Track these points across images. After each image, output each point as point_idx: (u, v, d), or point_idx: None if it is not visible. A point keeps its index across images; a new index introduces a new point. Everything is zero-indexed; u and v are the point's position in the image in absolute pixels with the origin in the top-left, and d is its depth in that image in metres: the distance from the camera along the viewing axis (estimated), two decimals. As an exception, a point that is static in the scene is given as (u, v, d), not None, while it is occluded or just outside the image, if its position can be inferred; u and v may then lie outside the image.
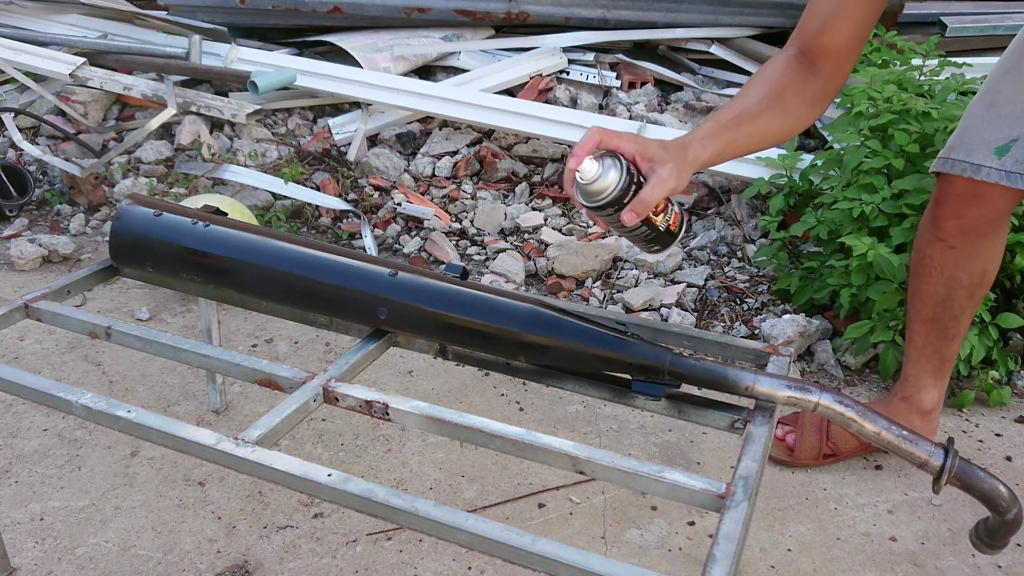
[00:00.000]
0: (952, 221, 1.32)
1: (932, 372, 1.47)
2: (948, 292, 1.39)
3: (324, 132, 2.78)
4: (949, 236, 1.34)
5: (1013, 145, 1.22)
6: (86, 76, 2.83)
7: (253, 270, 1.15)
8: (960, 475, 0.97)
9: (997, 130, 1.24)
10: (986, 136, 1.25)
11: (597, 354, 1.01)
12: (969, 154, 1.26)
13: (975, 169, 1.25)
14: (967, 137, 1.27)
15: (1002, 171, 1.23)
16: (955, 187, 1.29)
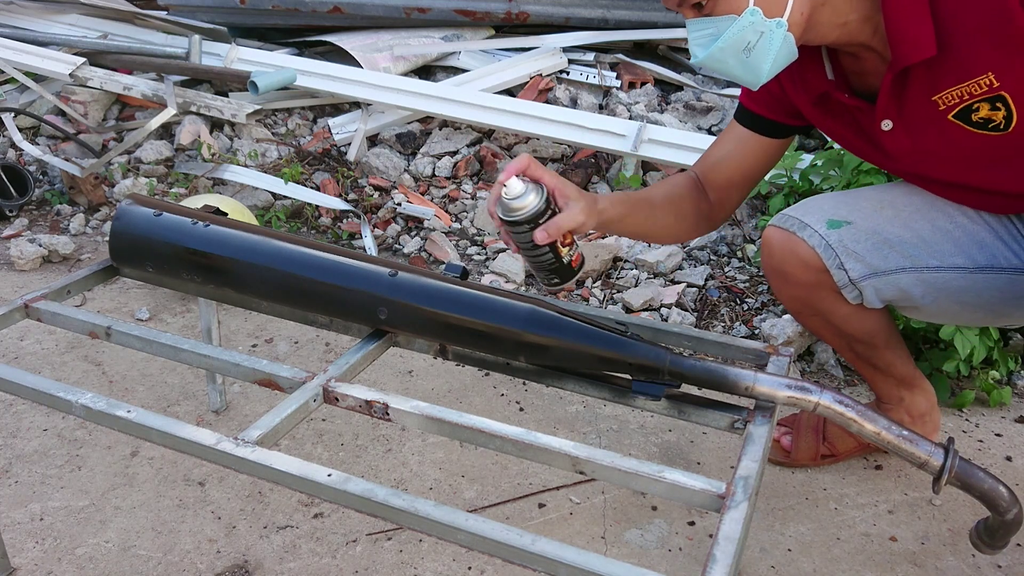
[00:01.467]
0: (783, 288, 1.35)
1: (901, 386, 1.46)
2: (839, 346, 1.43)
3: (324, 132, 2.79)
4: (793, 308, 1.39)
5: (845, 226, 1.26)
6: (86, 76, 2.83)
7: (253, 270, 1.15)
8: (960, 475, 0.97)
9: (837, 209, 1.29)
10: (826, 208, 1.30)
11: (597, 354, 1.01)
12: (804, 214, 1.30)
13: (801, 226, 1.28)
14: (807, 207, 1.32)
15: (824, 241, 1.26)
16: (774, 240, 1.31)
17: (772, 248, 1.33)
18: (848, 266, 1.26)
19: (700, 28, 1.06)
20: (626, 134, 2.44)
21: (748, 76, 1.09)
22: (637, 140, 2.41)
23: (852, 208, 1.29)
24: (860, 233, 1.26)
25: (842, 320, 1.34)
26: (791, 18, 1.03)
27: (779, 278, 1.34)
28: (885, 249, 1.25)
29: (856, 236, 1.26)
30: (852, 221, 1.27)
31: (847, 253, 1.26)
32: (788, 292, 1.36)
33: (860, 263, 1.26)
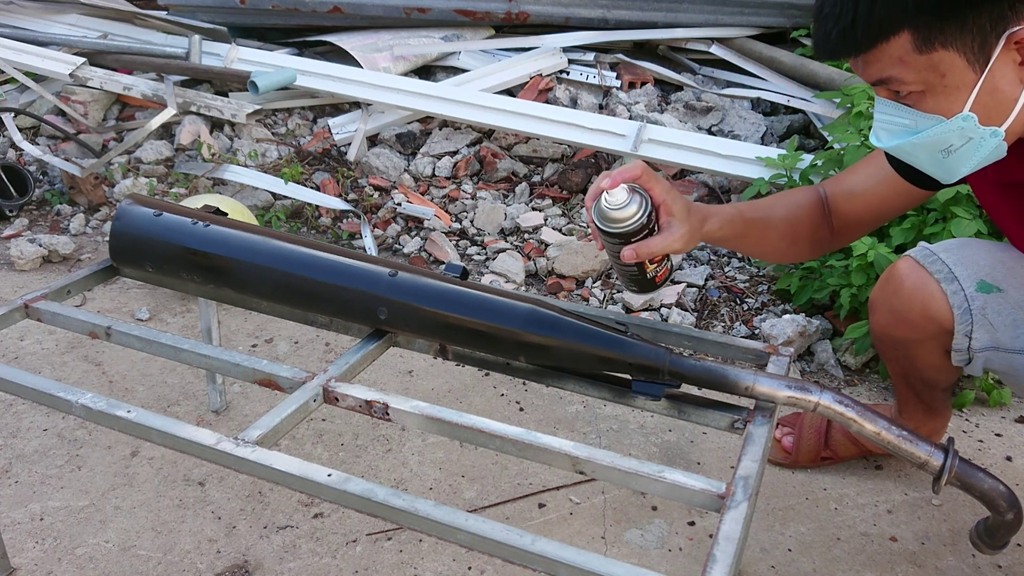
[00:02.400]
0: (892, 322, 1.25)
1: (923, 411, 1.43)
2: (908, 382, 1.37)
3: (324, 132, 2.78)
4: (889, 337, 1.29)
5: (996, 293, 1.15)
6: (86, 76, 2.83)
7: (253, 270, 1.15)
8: (960, 475, 0.97)
9: (995, 271, 1.16)
10: (983, 264, 1.17)
11: (597, 354, 1.01)
12: (955, 265, 1.18)
13: (950, 280, 1.16)
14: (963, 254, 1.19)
15: (967, 307, 1.15)
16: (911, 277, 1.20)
17: (901, 285, 1.20)
18: (976, 335, 1.16)
19: (893, 114, 0.92)
20: (626, 134, 2.44)
21: (939, 172, 0.96)
22: (637, 140, 2.41)
23: (1009, 272, 1.16)
24: (1007, 306, 1.14)
25: (925, 367, 1.27)
26: (1011, 127, 0.88)
27: (891, 315, 1.23)
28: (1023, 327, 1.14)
29: (1002, 308, 1.14)
30: (1004, 289, 1.14)
31: (983, 323, 1.14)
32: (892, 331, 1.25)
33: (989, 335, 1.15)
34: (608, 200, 0.99)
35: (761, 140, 2.66)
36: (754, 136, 2.65)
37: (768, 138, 2.70)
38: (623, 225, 1.00)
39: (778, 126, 2.72)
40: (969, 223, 1.66)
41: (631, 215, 0.99)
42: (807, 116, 2.69)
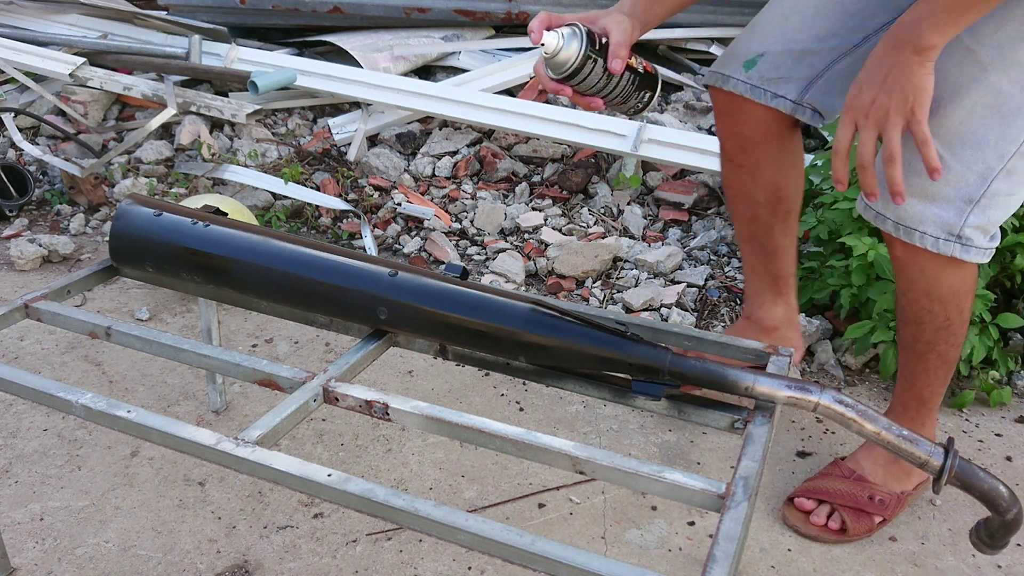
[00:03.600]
0: (729, 140, 1.38)
1: (769, 289, 1.50)
2: (752, 210, 1.44)
3: (324, 132, 2.79)
4: (734, 155, 1.40)
5: (759, 60, 1.27)
6: (86, 76, 2.83)
7: (253, 270, 1.15)
8: (960, 475, 0.97)
9: (747, 45, 1.30)
10: (738, 51, 1.31)
11: (597, 354, 1.01)
12: (723, 66, 1.32)
13: (723, 79, 1.31)
14: (727, 52, 1.34)
15: (747, 84, 1.28)
16: (717, 101, 1.36)
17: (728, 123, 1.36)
18: (782, 92, 1.27)
19: None
20: (626, 134, 2.44)
21: None
22: (637, 140, 2.41)
23: (760, 37, 1.29)
24: (776, 58, 1.26)
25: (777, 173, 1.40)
26: None
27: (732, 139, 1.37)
28: (807, 58, 1.25)
29: (774, 63, 1.26)
30: (764, 51, 1.27)
31: (774, 83, 1.26)
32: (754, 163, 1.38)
33: (791, 83, 1.26)
34: (547, 51, 1.00)
35: (761, 140, 2.66)
36: (754, 136, 2.65)
37: (768, 138, 2.70)
38: (577, 56, 1.01)
39: (778, 126, 2.72)
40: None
41: (575, 46, 1.01)
42: (807, 116, 2.69)
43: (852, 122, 1.10)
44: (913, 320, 1.27)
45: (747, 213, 1.45)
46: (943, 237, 1.15)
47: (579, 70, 1.02)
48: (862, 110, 1.08)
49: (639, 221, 2.38)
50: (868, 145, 1.09)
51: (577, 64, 1.01)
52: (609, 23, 1.04)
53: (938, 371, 1.31)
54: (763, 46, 1.28)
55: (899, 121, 1.05)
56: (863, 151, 1.10)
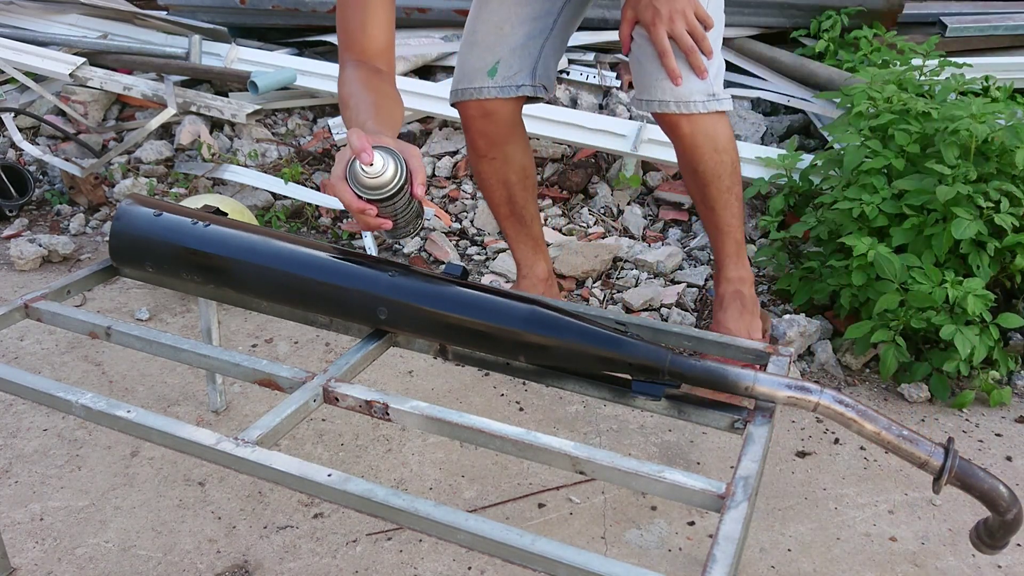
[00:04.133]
0: (481, 140, 1.66)
1: (532, 251, 1.83)
2: (508, 192, 1.74)
3: (324, 132, 2.78)
4: (486, 152, 1.68)
5: (498, 66, 1.58)
6: (86, 76, 2.83)
7: (253, 270, 1.15)
8: (960, 475, 0.97)
9: (483, 59, 1.60)
10: (478, 66, 1.60)
11: (597, 354, 1.01)
12: (471, 82, 1.61)
13: (478, 91, 1.60)
14: (467, 71, 1.62)
15: (497, 87, 1.59)
16: (469, 111, 1.63)
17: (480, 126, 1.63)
18: (520, 82, 1.59)
19: None
20: (626, 134, 2.44)
21: None
22: (637, 140, 2.41)
23: (488, 50, 1.59)
24: (507, 60, 1.58)
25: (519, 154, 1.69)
26: None
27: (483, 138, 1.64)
28: (526, 50, 1.59)
29: (508, 64, 1.58)
30: (498, 59, 1.58)
31: (512, 78, 1.58)
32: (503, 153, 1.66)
33: (523, 73, 1.59)
34: (375, 172, 1.02)
35: (761, 140, 2.66)
36: (754, 136, 2.65)
37: (768, 138, 2.70)
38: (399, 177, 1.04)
39: (778, 126, 2.72)
40: (969, 223, 1.66)
41: (394, 167, 1.04)
42: (807, 116, 2.69)
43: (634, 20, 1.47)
44: (713, 177, 1.58)
45: (504, 196, 1.74)
46: (708, 100, 1.48)
47: (397, 192, 1.05)
48: (655, 14, 1.42)
49: (639, 221, 2.38)
50: (666, 39, 1.43)
51: (397, 186, 1.04)
52: (405, 149, 1.09)
53: (737, 209, 1.64)
54: (495, 55, 1.59)
55: (684, 20, 1.42)
56: (663, 45, 1.43)
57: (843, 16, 2.78)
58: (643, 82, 1.49)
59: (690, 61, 1.44)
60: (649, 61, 1.46)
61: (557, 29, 1.61)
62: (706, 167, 1.55)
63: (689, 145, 1.53)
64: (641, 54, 1.48)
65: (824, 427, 1.67)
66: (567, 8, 1.61)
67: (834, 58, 2.77)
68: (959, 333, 1.63)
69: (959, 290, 1.63)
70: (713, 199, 1.60)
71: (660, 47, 1.43)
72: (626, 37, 1.49)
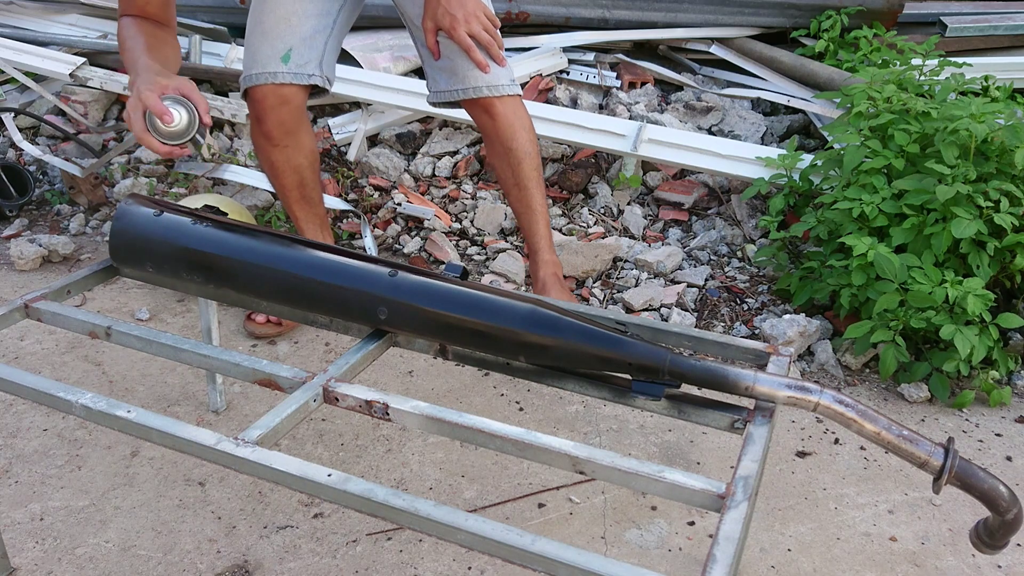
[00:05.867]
0: (276, 129, 1.73)
1: (320, 228, 1.92)
2: (299, 177, 1.82)
3: (324, 132, 2.78)
4: (280, 140, 1.74)
5: (291, 54, 1.67)
6: (86, 76, 2.83)
7: (253, 270, 1.15)
8: (960, 475, 0.97)
9: (275, 47, 1.67)
10: (270, 53, 1.68)
11: (597, 354, 1.01)
12: (265, 67, 1.67)
13: (273, 75, 1.67)
14: (259, 57, 1.68)
15: (291, 73, 1.68)
16: (264, 97, 1.69)
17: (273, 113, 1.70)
18: (310, 71, 1.70)
19: None
20: (626, 134, 2.44)
21: None
22: (637, 140, 2.41)
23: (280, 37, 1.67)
24: (298, 48, 1.68)
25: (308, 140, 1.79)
26: None
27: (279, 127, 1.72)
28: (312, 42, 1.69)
29: (299, 52, 1.68)
30: (290, 47, 1.67)
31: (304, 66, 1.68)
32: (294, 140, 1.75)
33: (312, 63, 1.70)
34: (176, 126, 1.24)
35: (761, 140, 2.66)
36: (754, 136, 2.65)
37: (768, 138, 2.70)
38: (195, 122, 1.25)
39: (778, 126, 2.72)
40: (969, 223, 1.66)
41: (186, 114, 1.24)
42: (807, 116, 2.69)
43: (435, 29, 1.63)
44: (525, 155, 1.78)
45: (295, 181, 1.82)
46: (511, 84, 1.73)
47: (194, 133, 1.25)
48: (452, 20, 1.59)
49: (639, 221, 2.38)
50: (467, 38, 1.61)
51: (194, 128, 1.25)
52: (183, 85, 1.27)
53: (543, 191, 1.85)
54: (286, 44, 1.68)
55: (478, 21, 1.62)
56: (466, 43, 1.61)
57: (843, 16, 2.78)
58: (455, 76, 1.70)
59: (491, 53, 1.66)
60: (458, 57, 1.67)
61: (336, 28, 1.74)
62: (519, 144, 1.77)
63: (504, 124, 1.75)
64: (450, 54, 1.68)
65: (824, 427, 1.67)
66: (344, 9, 1.75)
67: (834, 58, 2.77)
68: (959, 333, 1.63)
69: (959, 290, 1.63)
70: (527, 177, 1.81)
71: (464, 44, 1.61)
72: (433, 45, 1.66)
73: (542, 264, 1.88)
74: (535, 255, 1.89)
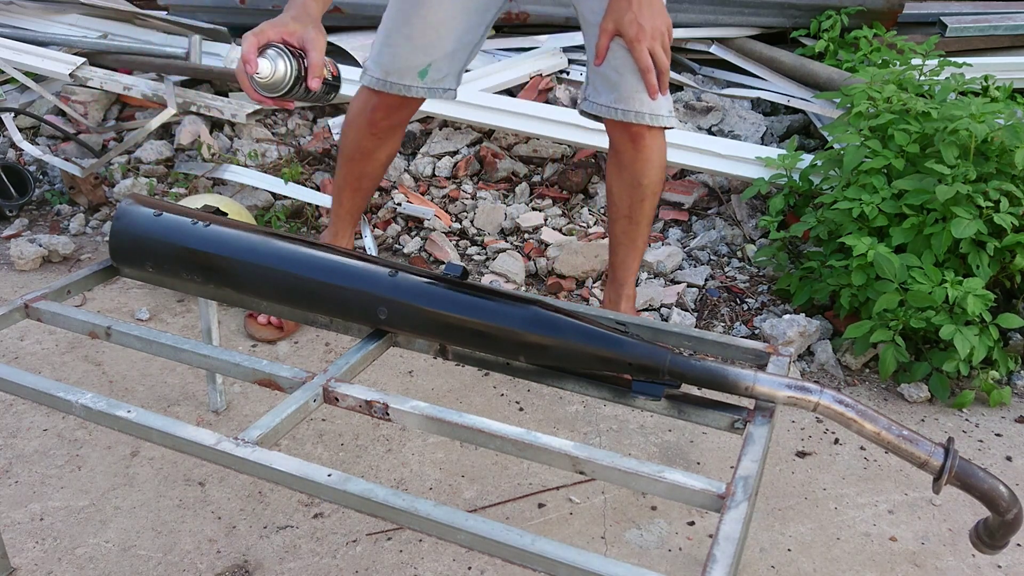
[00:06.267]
0: (384, 122, 1.75)
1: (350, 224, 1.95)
2: (373, 169, 1.85)
3: (324, 132, 2.78)
4: (380, 132, 1.77)
5: (429, 69, 1.64)
6: (86, 76, 2.83)
7: (253, 270, 1.15)
8: (960, 475, 0.97)
9: (417, 58, 1.64)
10: (411, 63, 1.64)
11: (597, 354, 1.01)
12: (401, 78, 1.66)
13: (407, 89, 1.66)
14: (398, 64, 1.65)
15: (425, 88, 1.67)
16: (389, 102, 1.70)
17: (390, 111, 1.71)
18: (446, 86, 1.68)
19: None
20: (626, 134, 2.43)
21: None
22: (637, 140, 2.41)
23: (424, 50, 1.62)
24: (439, 64, 1.64)
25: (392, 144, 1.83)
26: None
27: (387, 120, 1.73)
28: (456, 56, 1.65)
29: (438, 68, 1.65)
30: (431, 62, 1.63)
31: (440, 81, 1.67)
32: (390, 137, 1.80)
33: (450, 78, 1.68)
34: (263, 78, 1.15)
35: (761, 140, 2.66)
36: (754, 136, 2.65)
37: (768, 138, 2.70)
38: (288, 79, 1.17)
39: (778, 126, 2.72)
40: (969, 223, 1.66)
41: (283, 68, 1.16)
42: (807, 116, 2.69)
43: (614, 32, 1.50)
44: (650, 193, 1.67)
45: (364, 170, 1.85)
46: (669, 115, 1.58)
47: (291, 90, 1.18)
48: (639, 30, 1.46)
49: (639, 221, 2.38)
50: (648, 56, 1.48)
51: (289, 86, 1.18)
52: (307, 39, 1.21)
53: (652, 223, 1.78)
54: (428, 57, 1.63)
55: (662, 40, 1.49)
56: (646, 61, 1.49)
57: (843, 16, 2.78)
58: (618, 93, 1.55)
59: (661, 80, 1.52)
60: (628, 73, 1.52)
61: (479, 41, 1.69)
62: (651, 180, 1.65)
63: (645, 157, 1.61)
64: (621, 66, 1.53)
65: (824, 427, 1.67)
66: (496, 13, 1.69)
67: (834, 58, 2.77)
68: (959, 333, 1.63)
69: (959, 290, 1.63)
70: (644, 215, 1.69)
71: (642, 63, 1.48)
72: (603, 49, 1.52)
73: (624, 297, 1.78)
74: (620, 287, 1.78)
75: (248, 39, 1.16)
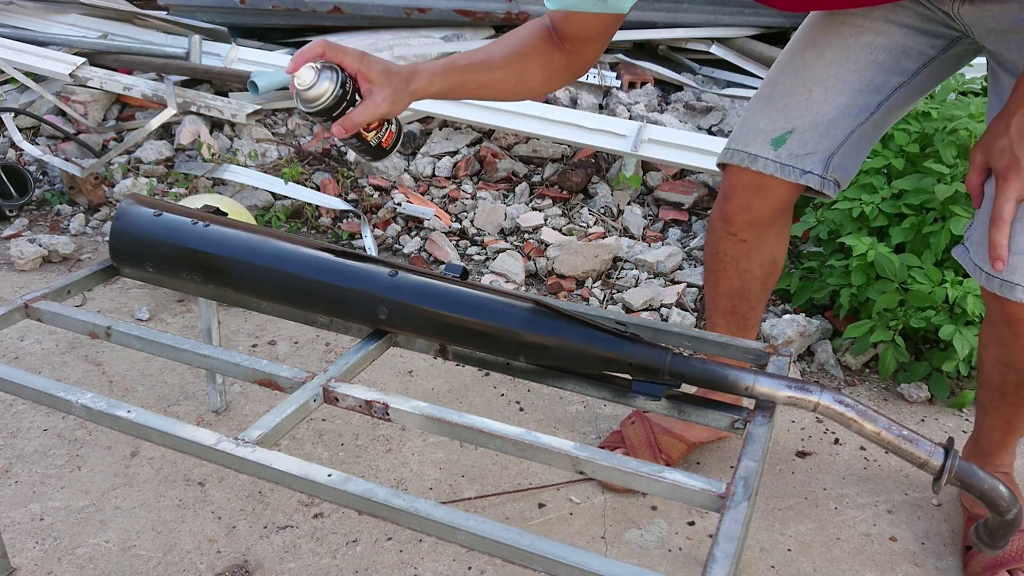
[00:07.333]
0: (741, 215, 1.32)
1: None
2: (743, 284, 1.40)
3: (324, 132, 2.79)
4: (739, 230, 1.34)
5: (788, 137, 1.23)
6: (86, 76, 2.83)
7: (253, 270, 1.15)
8: (960, 475, 0.97)
9: (774, 122, 1.25)
10: (763, 127, 1.26)
11: (597, 354, 1.01)
12: (747, 144, 1.27)
13: (752, 159, 1.26)
14: (747, 128, 1.29)
15: (777, 163, 1.25)
16: (740, 179, 1.30)
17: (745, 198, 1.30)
18: (809, 168, 1.24)
19: None
20: (626, 134, 2.44)
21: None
22: (637, 140, 2.41)
23: (785, 111, 1.24)
24: (804, 134, 1.23)
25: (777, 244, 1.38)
26: None
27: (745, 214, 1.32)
28: (832, 130, 1.23)
29: (802, 139, 1.23)
30: (792, 128, 1.24)
31: (801, 159, 1.24)
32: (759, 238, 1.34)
33: (816, 157, 1.24)
34: (299, 83, 1.02)
35: (761, 140, 2.65)
36: (754, 136, 2.64)
37: (768, 138, 2.70)
38: (320, 103, 1.02)
39: (778, 126, 2.72)
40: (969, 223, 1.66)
41: (324, 92, 1.02)
42: (807, 116, 2.69)
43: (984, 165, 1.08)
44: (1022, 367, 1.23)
45: (736, 287, 1.41)
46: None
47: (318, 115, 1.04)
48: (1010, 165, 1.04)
49: (639, 221, 2.38)
50: (1012, 204, 1.04)
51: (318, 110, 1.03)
52: (376, 87, 1.04)
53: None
54: (790, 122, 1.24)
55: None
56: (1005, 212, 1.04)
57: (843, 16, 2.78)
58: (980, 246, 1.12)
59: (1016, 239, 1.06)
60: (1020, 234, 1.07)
61: (879, 114, 1.23)
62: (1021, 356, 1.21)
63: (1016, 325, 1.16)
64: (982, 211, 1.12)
65: (824, 427, 1.67)
66: (901, 90, 1.22)
67: (834, 58, 2.76)
68: (959, 333, 1.63)
69: (959, 290, 1.63)
70: (1020, 398, 1.28)
71: (998, 212, 1.04)
72: (975, 187, 1.11)
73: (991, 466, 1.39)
74: (984, 455, 1.39)
75: (316, 43, 1.03)
